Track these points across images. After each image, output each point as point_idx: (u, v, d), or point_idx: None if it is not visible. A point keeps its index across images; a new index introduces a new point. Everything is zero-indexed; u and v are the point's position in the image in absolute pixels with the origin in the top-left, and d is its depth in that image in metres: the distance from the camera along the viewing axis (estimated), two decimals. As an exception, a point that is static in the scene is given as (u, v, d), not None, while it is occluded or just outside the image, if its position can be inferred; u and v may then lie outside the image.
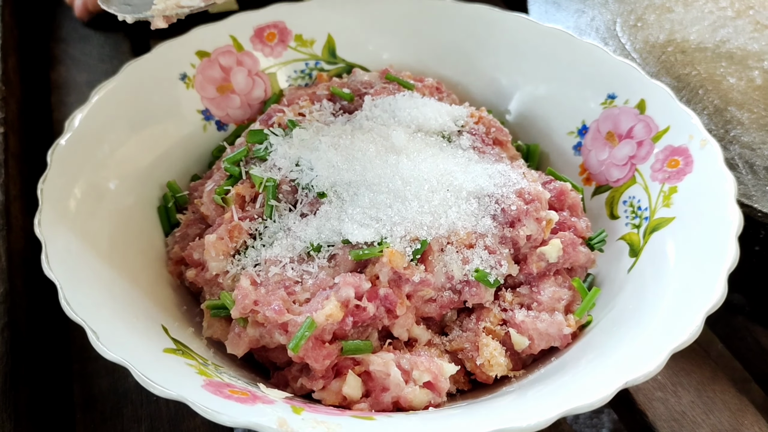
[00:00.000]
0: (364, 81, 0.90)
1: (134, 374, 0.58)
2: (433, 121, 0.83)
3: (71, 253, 0.69)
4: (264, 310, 0.67)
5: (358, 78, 0.91)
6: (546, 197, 0.78)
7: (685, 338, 0.62)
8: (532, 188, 0.77)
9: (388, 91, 0.87)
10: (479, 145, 0.83)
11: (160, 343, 0.67)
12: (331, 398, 0.66)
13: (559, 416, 0.56)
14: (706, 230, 0.71)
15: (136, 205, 0.81)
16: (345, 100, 0.87)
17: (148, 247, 0.80)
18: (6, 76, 1.04)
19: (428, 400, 0.67)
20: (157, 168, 0.85)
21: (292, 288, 0.69)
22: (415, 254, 0.69)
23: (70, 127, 0.78)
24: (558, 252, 0.76)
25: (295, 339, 0.64)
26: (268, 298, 0.67)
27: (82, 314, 0.63)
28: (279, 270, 0.70)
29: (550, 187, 0.81)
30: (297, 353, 0.65)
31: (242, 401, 0.60)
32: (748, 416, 0.75)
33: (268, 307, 0.67)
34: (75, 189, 0.75)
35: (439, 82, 0.92)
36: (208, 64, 0.91)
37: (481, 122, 0.85)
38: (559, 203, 0.81)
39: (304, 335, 0.64)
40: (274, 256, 0.71)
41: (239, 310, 0.67)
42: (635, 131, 0.84)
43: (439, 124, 0.83)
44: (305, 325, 0.64)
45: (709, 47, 1.01)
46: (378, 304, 0.68)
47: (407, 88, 0.88)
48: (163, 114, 0.87)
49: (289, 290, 0.69)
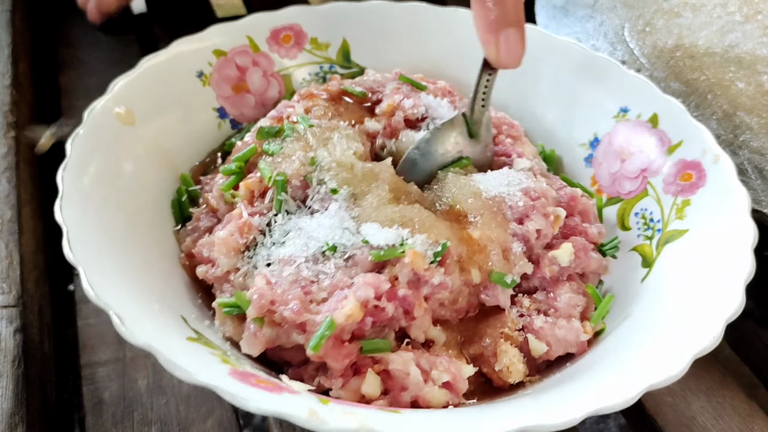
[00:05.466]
0: (376, 80, 0.90)
1: (161, 359, 0.57)
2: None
3: (90, 239, 0.69)
4: (282, 310, 0.66)
5: (370, 77, 0.91)
6: (552, 195, 0.79)
7: (707, 344, 0.62)
8: (537, 185, 0.78)
9: (402, 92, 0.87)
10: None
11: (182, 332, 0.67)
12: (350, 396, 0.66)
13: (587, 415, 0.56)
14: (721, 242, 0.72)
15: (151, 196, 0.81)
16: (357, 97, 0.88)
17: (162, 238, 0.80)
18: (17, 80, 1.05)
19: (446, 401, 0.67)
20: (171, 161, 0.85)
21: (308, 287, 0.69)
22: (436, 256, 0.69)
23: (89, 117, 0.78)
24: (570, 256, 0.76)
25: (315, 339, 0.64)
26: (285, 298, 0.67)
27: (106, 298, 0.62)
28: (294, 270, 0.70)
29: (561, 193, 0.82)
30: (317, 353, 0.64)
31: (270, 390, 0.60)
32: (758, 421, 0.75)
33: (285, 306, 0.66)
34: (93, 176, 0.75)
35: (451, 86, 0.93)
36: (224, 63, 0.92)
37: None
38: (570, 209, 0.81)
39: (325, 335, 0.64)
40: (287, 255, 0.71)
41: (256, 309, 0.67)
42: (648, 145, 0.84)
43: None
44: (325, 324, 0.64)
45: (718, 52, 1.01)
46: (396, 305, 0.68)
47: (419, 88, 0.88)
48: (178, 109, 0.88)
49: (305, 290, 0.68)
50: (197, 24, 0.96)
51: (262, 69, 0.94)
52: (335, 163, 0.76)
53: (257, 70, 0.93)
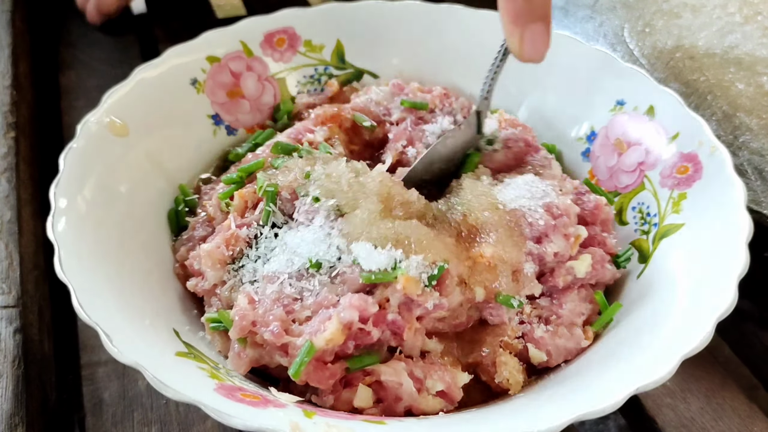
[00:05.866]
0: (380, 104, 0.90)
1: (147, 377, 0.59)
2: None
3: (83, 256, 0.70)
4: (262, 332, 0.65)
5: (373, 98, 0.90)
6: (575, 212, 0.77)
7: (696, 344, 0.62)
8: (560, 202, 0.75)
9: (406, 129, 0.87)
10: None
11: (172, 347, 0.67)
12: (342, 407, 0.66)
13: (571, 421, 0.57)
14: (716, 237, 0.71)
15: (146, 208, 0.81)
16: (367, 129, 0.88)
17: (158, 250, 0.80)
18: (17, 80, 1.05)
19: (441, 408, 0.67)
20: (167, 171, 0.85)
21: (290, 306, 0.67)
22: (431, 280, 0.66)
23: (82, 131, 0.78)
24: (587, 268, 0.75)
25: (295, 365, 0.63)
26: (266, 319, 0.66)
27: (96, 317, 0.63)
28: (277, 287, 0.68)
29: (585, 199, 0.80)
30: (298, 378, 0.63)
31: (254, 404, 0.60)
32: (757, 423, 0.75)
33: (266, 329, 0.65)
34: (86, 192, 0.75)
35: (446, 89, 0.93)
36: (218, 69, 0.91)
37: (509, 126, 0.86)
38: (593, 218, 0.80)
39: (304, 361, 0.62)
40: (271, 271, 0.69)
41: (237, 331, 0.66)
42: (644, 137, 0.84)
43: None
44: (304, 350, 0.63)
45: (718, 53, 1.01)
46: (384, 329, 0.65)
47: (421, 109, 0.89)
48: (173, 118, 0.88)
49: (287, 308, 0.67)
50: (197, 24, 0.96)
51: (257, 74, 0.93)
52: (324, 174, 0.74)
53: (251, 75, 0.93)
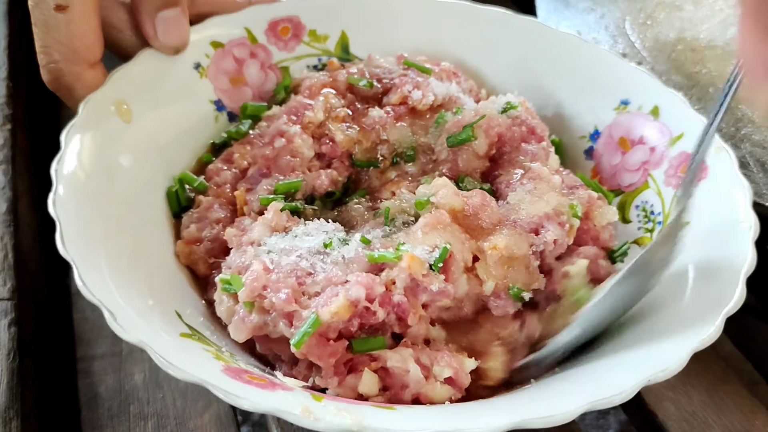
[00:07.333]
0: (381, 66, 0.89)
1: (153, 356, 0.57)
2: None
3: (84, 234, 0.68)
4: (272, 296, 0.65)
5: (374, 63, 0.90)
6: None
7: (706, 337, 0.61)
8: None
9: (410, 79, 0.86)
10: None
11: (175, 328, 0.66)
12: (347, 394, 0.65)
13: (585, 410, 0.56)
14: (722, 235, 0.71)
15: (146, 188, 0.80)
16: (364, 88, 0.87)
17: (160, 231, 0.79)
18: (14, 72, 1.04)
19: (449, 396, 0.66)
20: (167, 153, 0.84)
21: (303, 279, 0.68)
22: (436, 262, 0.66)
23: (84, 108, 0.77)
24: (583, 273, 0.74)
25: (299, 335, 0.63)
26: (277, 285, 0.66)
27: (99, 295, 0.61)
28: (293, 260, 0.69)
29: (579, 194, 0.79)
30: (299, 350, 0.63)
31: (263, 387, 0.59)
32: (759, 417, 0.75)
33: (276, 294, 0.65)
34: (87, 170, 0.74)
35: (456, 68, 0.92)
36: (222, 54, 0.90)
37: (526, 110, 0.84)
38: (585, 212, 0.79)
39: (308, 332, 0.63)
40: (289, 245, 0.70)
41: (248, 292, 0.66)
42: (648, 137, 0.83)
43: None
44: (309, 321, 0.63)
45: (720, 45, 1.01)
46: (389, 311, 0.66)
47: (424, 72, 0.88)
48: (176, 101, 0.86)
49: (300, 280, 0.67)
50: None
51: (260, 61, 0.93)
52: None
53: (255, 62, 0.92)
